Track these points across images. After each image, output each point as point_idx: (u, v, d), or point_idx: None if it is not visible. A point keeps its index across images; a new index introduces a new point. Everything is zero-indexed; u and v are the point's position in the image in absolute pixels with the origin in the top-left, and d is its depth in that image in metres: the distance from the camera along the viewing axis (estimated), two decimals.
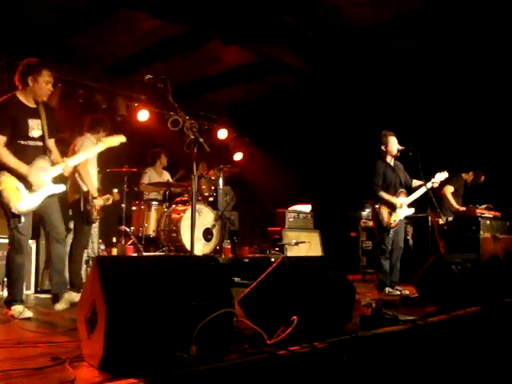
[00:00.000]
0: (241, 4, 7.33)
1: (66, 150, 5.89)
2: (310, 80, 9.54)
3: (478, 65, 8.58)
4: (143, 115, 9.85)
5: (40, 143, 4.68)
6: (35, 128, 4.65)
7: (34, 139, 4.64)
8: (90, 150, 5.28)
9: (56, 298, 4.87)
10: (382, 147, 6.96)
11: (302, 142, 11.06)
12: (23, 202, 4.50)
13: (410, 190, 7.05)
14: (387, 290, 6.67)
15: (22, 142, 4.57)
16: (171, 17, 7.39)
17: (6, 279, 4.92)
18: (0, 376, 2.41)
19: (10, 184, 4.48)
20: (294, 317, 3.11)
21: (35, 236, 6.62)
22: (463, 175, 8.79)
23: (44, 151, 4.73)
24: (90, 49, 8.45)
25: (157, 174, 8.77)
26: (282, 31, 7.92)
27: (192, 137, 4.28)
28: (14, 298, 4.55)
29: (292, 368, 2.86)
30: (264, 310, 3.50)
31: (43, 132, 4.69)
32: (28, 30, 7.72)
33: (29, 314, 4.42)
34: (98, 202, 6.06)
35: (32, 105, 4.68)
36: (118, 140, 5.33)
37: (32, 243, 6.50)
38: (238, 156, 11.65)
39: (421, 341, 3.90)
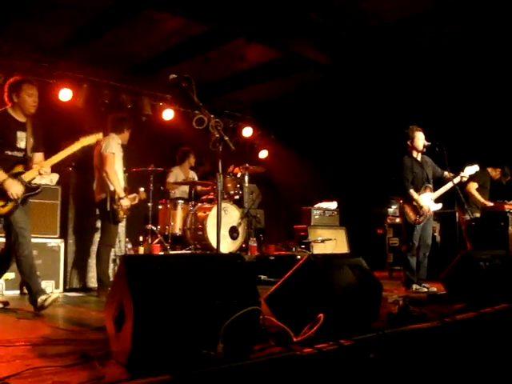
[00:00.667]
0: (264, 1, 7.33)
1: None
2: (335, 76, 9.48)
3: (505, 56, 8.45)
4: (168, 114, 9.92)
5: (22, 154, 4.93)
6: (23, 140, 4.92)
7: (20, 150, 4.89)
8: (66, 150, 5.17)
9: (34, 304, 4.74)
10: (409, 142, 6.93)
11: (328, 139, 11.01)
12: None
13: (441, 183, 6.99)
14: (414, 287, 6.62)
15: (9, 153, 4.83)
16: (195, 16, 7.41)
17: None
18: (31, 373, 2.45)
19: None
20: (321, 314, 3.11)
21: (63, 235, 6.72)
22: (489, 170, 8.69)
23: (23, 159, 4.92)
24: (115, 49, 8.51)
25: (183, 173, 8.81)
26: (306, 28, 7.89)
27: (217, 135, 4.30)
28: (36, 291, 4.65)
29: (318, 366, 2.85)
30: (290, 307, 3.50)
31: (26, 144, 4.93)
32: (54, 30, 7.81)
33: (55, 295, 4.67)
34: (125, 203, 6.11)
35: (21, 119, 4.94)
36: (94, 138, 5.36)
37: (60, 242, 6.59)
38: (263, 154, 11.67)
39: (448, 338, 3.87)
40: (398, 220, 9.07)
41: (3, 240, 5.13)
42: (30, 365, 2.58)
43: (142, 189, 6.88)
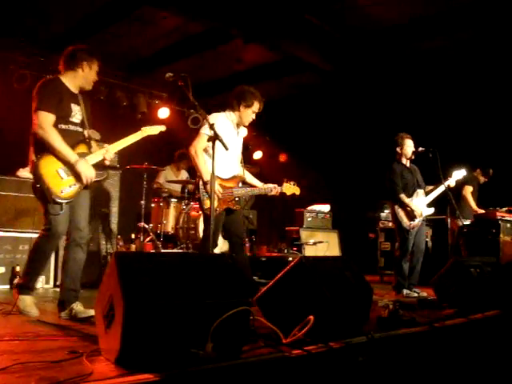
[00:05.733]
0: (261, 2, 7.33)
1: None
2: (330, 79, 9.51)
3: (492, 60, 8.52)
4: (164, 113, 9.91)
5: (80, 129, 4.45)
6: (77, 113, 4.42)
7: (75, 124, 4.40)
8: (129, 138, 4.82)
9: (62, 305, 4.28)
10: (398, 149, 6.98)
11: (322, 141, 11.03)
12: (65, 188, 4.20)
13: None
14: (405, 291, 6.63)
15: (64, 126, 4.29)
16: (193, 15, 7.42)
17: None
18: (18, 368, 2.44)
19: (51, 168, 4.18)
20: (311, 316, 3.11)
21: None
22: (475, 174, 8.73)
23: (84, 138, 4.48)
24: (112, 46, 8.50)
25: (173, 174, 8.80)
26: (303, 30, 7.92)
27: (211, 135, 4.31)
28: (27, 285, 4.27)
29: (307, 367, 2.86)
30: (281, 308, 3.51)
31: (83, 119, 4.48)
32: (51, 27, 7.80)
33: (35, 313, 4.17)
34: None
35: (74, 90, 4.47)
36: (157, 129, 5.06)
37: None
38: (257, 155, 11.65)
39: (437, 343, 3.88)
40: (390, 224, 9.09)
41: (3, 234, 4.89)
42: (17, 360, 2.56)
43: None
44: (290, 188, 5.80)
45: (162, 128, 5.08)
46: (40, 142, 4.16)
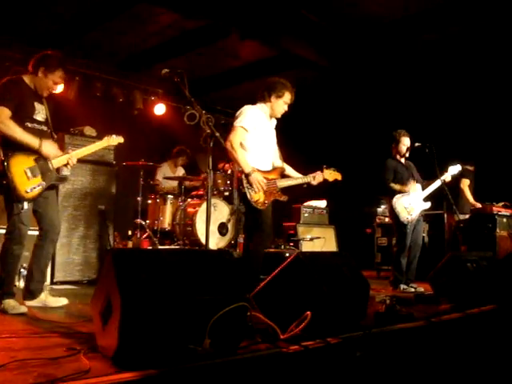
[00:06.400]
0: None
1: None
2: (328, 75, 9.49)
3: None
4: (160, 109, 9.91)
5: (45, 128, 4.53)
6: (40, 112, 4.49)
7: (39, 122, 4.48)
8: (92, 146, 4.95)
9: (31, 294, 4.50)
10: (393, 145, 7.03)
11: (319, 137, 11.02)
12: (29, 187, 4.27)
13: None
14: (402, 286, 6.64)
15: (30, 125, 4.37)
16: (189, 11, 7.39)
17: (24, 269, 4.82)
18: (16, 365, 2.44)
19: (19, 167, 4.26)
20: (308, 312, 3.11)
21: None
22: (469, 167, 8.72)
23: (51, 137, 4.57)
24: (108, 42, 8.48)
25: (171, 170, 8.82)
26: (299, 25, 7.90)
27: (208, 131, 4.30)
28: (7, 291, 4.29)
29: (305, 363, 2.86)
30: (278, 304, 3.51)
31: (47, 118, 4.56)
32: (47, 23, 7.77)
33: (23, 309, 4.22)
34: None
35: (38, 91, 4.52)
36: (117, 140, 5.16)
37: None
38: None
39: (434, 338, 3.89)
40: (386, 220, 9.11)
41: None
42: (14, 357, 2.57)
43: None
44: (331, 174, 5.74)
45: (121, 140, 5.19)
46: (3, 138, 4.24)
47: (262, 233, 4.98)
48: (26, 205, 4.28)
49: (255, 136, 5.12)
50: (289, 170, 5.57)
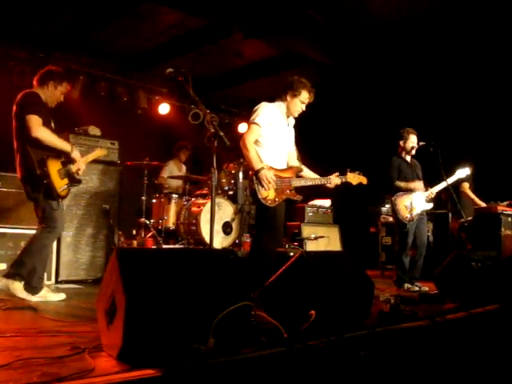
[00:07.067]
0: None
1: None
2: (331, 74, 9.48)
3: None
4: (164, 108, 9.91)
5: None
6: (51, 121, 4.90)
7: (52, 131, 4.84)
8: (93, 154, 5.46)
9: (34, 290, 4.78)
10: (401, 142, 7.00)
11: (322, 135, 11.00)
12: (61, 187, 4.78)
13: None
14: (406, 286, 6.63)
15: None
16: (194, 10, 7.39)
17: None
18: (20, 364, 2.44)
19: (54, 168, 4.74)
20: (312, 311, 3.11)
21: None
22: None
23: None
24: (112, 42, 8.49)
25: (177, 168, 8.84)
26: (303, 25, 7.87)
27: (212, 130, 4.28)
28: (20, 272, 4.65)
29: (309, 362, 2.86)
30: (282, 303, 3.51)
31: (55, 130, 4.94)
32: (51, 22, 7.78)
33: (62, 295, 4.84)
34: None
35: (48, 103, 4.95)
36: (101, 153, 5.60)
37: None
38: None
39: (439, 337, 3.88)
40: (391, 219, 9.07)
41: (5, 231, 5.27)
42: (19, 356, 2.57)
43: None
44: (356, 177, 5.65)
45: (104, 152, 5.72)
46: (35, 143, 4.61)
47: (270, 230, 4.89)
48: (61, 201, 4.86)
49: (270, 133, 5.08)
50: (306, 171, 5.52)
